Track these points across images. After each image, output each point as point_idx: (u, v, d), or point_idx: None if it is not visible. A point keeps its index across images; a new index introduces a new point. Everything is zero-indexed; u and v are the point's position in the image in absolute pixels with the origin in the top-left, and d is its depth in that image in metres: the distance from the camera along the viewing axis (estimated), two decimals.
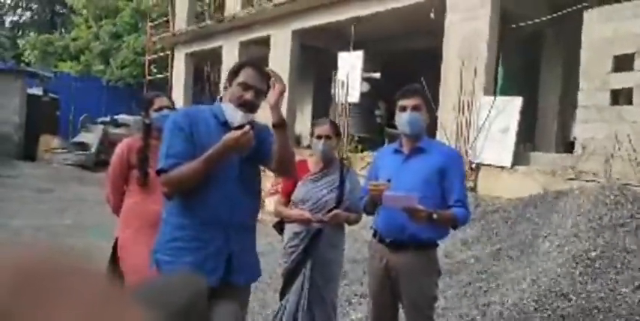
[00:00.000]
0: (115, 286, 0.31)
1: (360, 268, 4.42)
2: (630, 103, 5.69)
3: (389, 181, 2.35)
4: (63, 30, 23.74)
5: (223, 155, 1.95)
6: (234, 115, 2.03)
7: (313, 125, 2.98)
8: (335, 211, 2.75)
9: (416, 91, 2.58)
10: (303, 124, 13.15)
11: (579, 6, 6.68)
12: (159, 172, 2.00)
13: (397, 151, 2.56)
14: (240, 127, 1.99)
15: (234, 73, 2.09)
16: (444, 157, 2.47)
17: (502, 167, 6.67)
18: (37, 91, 14.71)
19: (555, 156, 6.70)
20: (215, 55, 13.98)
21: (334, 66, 10.48)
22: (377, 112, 11.46)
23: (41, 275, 0.28)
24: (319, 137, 2.86)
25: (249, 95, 2.04)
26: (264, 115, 2.11)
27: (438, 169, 2.42)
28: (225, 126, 2.03)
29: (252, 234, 2.17)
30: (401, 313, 2.56)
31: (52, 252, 0.30)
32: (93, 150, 13.41)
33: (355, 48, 10.10)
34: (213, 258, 1.99)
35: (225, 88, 2.13)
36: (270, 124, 2.07)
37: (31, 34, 22.86)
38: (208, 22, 13.70)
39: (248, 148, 1.96)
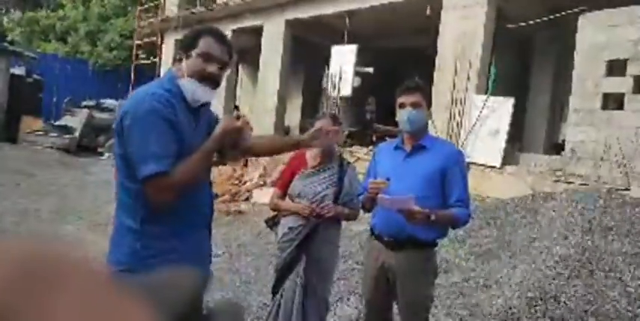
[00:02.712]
0: (116, 282, 0.30)
1: (349, 264, 4.41)
2: (620, 108, 5.76)
3: (388, 179, 2.30)
4: (48, 10, 23.11)
5: (219, 146, 1.75)
6: (198, 92, 1.76)
7: (314, 119, 2.92)
8: (328, 203, 2.70)
9: (416, 88, 2.47)
10: (292, 116, 13.07)
11: (574, 10, 6.72)
12: (154, 176, 1.61)
13: (398, 148, 2.50)
14: (203, 105, 1.81)
15: (192, 41, 1.78)
16: (445, 156, 2.41)
17: (492, 167, 6.72)
18: (20, 71, 14.35)
19: (544, 158, 6.76)
20: None
21: (326, 59, 10.41)
22: (367, 107, 11.45)
23: (41, 269, 0.27)
24: None
25: (212, 68, 1.76)
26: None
27: (440, 168, 2.36)
28: (191, 106, 1.78)
29: None
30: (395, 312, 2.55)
31: (52, 246, 0.29)
32: (76, 134, 13.16)
33: (348, 42, 10.04)
34: (199, 260, 1.80)
35: (179, 59, 1.79)
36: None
37: (16, 12, 22.22)
38: (199, 8, 13.49)
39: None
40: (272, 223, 3.01)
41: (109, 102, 14.77)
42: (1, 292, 0.26)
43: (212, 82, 1.78)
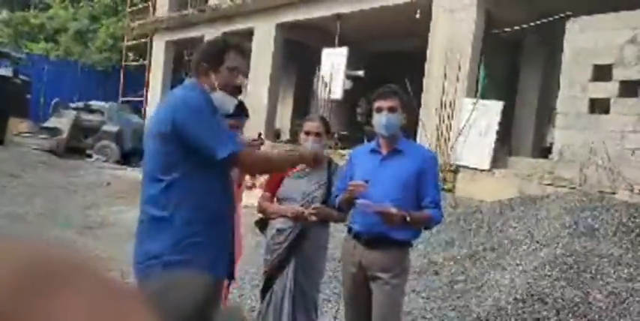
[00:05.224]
0: (121, 285, 0.30)
1: (336, 266, 4.40)
2: (607, 112, 5.83)
3: (367, 181, 2.35)
4: (36, 10, 22.89)
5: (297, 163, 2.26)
6: (228, 103, 2.02)
7: (303, 121, 2.93)
8: (318, 205, 2.70)
9: (392, 93, 2.56)
10: (282, 119, 13.07)
11: (562, 15, 6.80)
12: (234, 154, 1.86)
13: (374, 151, 2.58)
14: (231, 115, 2.14)
15: (219, 56, 1.98)
16: (420, 160, 2.51)
17: (481, 170, 6.76)
18: (6, 72, 14.17)
19: (532, 161, 6.82)
20: (196, 45, 13.72)
21: (317, 62, 10.44)
22: (358, 110, 11.48)
23: (46, 271, 0.27)
24: (308, 134, 2.81)
25: (240, 81, 2.03)
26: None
27: (415, 172, 2.45)
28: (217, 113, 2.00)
29: None
30: None
31: (57, 249, 0.30)
32: (64, 136, 13.03)
33: (339, 45, 10.07)
34: (225, 252, 1.99)
35: (205, 72, 1.98)
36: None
37: (3, 12, 22.01)
38: (190, 10, 13.45)
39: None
40: (262, 225, 3.01)
41: (97, 104, 14.64)
42: (7, 293, 0.26)
43: (239, 92, 2.05)
